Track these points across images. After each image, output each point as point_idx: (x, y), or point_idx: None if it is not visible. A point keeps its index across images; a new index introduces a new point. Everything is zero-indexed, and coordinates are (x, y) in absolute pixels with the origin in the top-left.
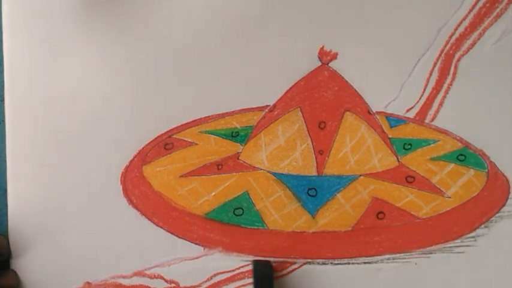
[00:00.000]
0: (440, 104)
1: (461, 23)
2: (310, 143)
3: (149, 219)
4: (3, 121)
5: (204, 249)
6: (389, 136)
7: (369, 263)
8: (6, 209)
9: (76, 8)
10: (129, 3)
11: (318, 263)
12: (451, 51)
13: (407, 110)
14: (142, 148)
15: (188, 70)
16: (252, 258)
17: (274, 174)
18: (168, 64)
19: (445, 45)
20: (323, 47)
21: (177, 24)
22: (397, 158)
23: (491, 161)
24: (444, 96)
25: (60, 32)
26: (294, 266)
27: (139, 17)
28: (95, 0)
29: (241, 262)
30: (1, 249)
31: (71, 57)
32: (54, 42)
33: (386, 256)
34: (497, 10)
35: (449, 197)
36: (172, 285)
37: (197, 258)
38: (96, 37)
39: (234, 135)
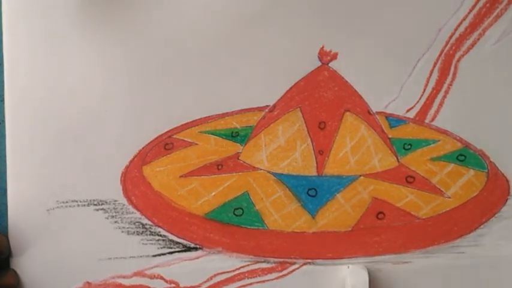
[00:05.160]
0: (440, 104)
1: (461, 23)
2: (310, 143)
3: (149, 219)
4: (3, 121)
5: (204, 249)
6: (389, 136)
7: (369, 263)
8: (6, 209)
9: (76, 8)
10: (129, 3)
11: (318, 263)
12: (451, 51)
13: (407, 110)
14: (142, 148)
15: (188, 70)
16: (252, 258)
17: (274, 174)
18: (168, 64)
19: (445, 45)
20: (323, 47)
21: (177, 24)
22: (397, 158)
23: (491, 161)
24: (444, 96)
25: (60, 31)
26: (294, 266)
27: (139, 17)
28: (95, 0)
29: (241, 262)
30: (1, 248)
31: (71, 57)
32: (54, 42)
33: (387, 256)
34: (497, 10)
35: (449, 197)
36: (172, 285)
37: (197, 258)
38: (96, 37)
39: (234, 136)
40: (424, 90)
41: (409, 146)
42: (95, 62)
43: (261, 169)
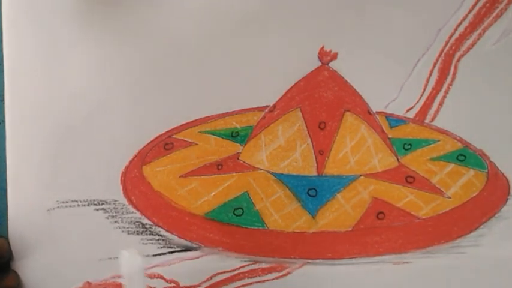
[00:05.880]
0: (440, 104)
1: (461, 23)
2: (310, 143)
3: (149, 219)
4: (3, 121)
5: (204, 249)
6: (389, 136)
7: (369, 263)
8: (6, 209)
9: (76, 8)
10: (129, 3)
11: (318, 263)
12: (451, 52)
13: (408, 110)
14: (142, 148)
15: (188, 70)
16: (252, 258)
17: (274, 174)
18: (168, 64)
19: (445, 46)
20: (323, 47)
21: (177, 24)
22: (397, 158)
23: (491, 161)
24: (444, 96)
25: (61, 32)
26: (294, 266)
27: (139, 17)
28: (95, 0)
29: (241, 262)
30: (2, 251)
31: (71, 57)
32: (54, 42)
33: (387, 256)
34: (497, 10)
35: (449, 197)
36: (172, 285)
37: (197, 258)
38: (96, 37)
39: (234, 136)
40: (424, 90)
41: (409, 146)
42: (95, 62)
43: (261, 169)
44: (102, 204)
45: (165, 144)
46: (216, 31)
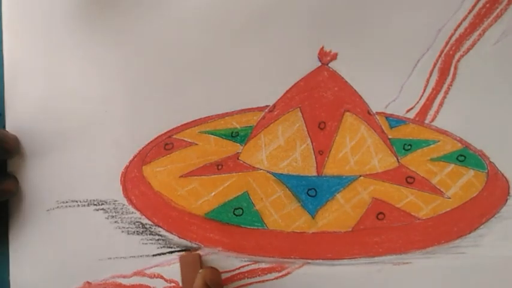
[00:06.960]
0: (440, 105)
1: (461, 23)
2: (310, 143)
3: (149, 219)
4: (3, 121)
5: (203, 249)
6: (389, 137)
7: (369, 263)
8: (7, 209)
9: (76, 8)
10: (128, 4)
11: (318, 263)
12: (450, 52)
13: (407, 111)
14: (142, 148)
15: (188, 70)
16: (251, 258)
17: (274, 174)
18: (168, 64)
19: (445, 46)
20: (323, 47)
21: (177, 25)
22: (397, 159)
23: (491, 162)
24: (444, 97)
25: (60, 32)
26: (294, 266)
27: (139, 18)
28: (95, 1)
29: (240, 262)
30: (9, 146)
31: (70, 57)
32: (54, 42)
33: (387, 257)
34: (497, 11)
35: (449, 198)
36: (172, 284)
37: None
38: (96, 37)
39: (234, 136)
40: (424, 90)
41: (409, 147)
42: (94, 62)
43: (260, 169)
44: (102, 204)
45: (165, 144)
46: (216, 31)
